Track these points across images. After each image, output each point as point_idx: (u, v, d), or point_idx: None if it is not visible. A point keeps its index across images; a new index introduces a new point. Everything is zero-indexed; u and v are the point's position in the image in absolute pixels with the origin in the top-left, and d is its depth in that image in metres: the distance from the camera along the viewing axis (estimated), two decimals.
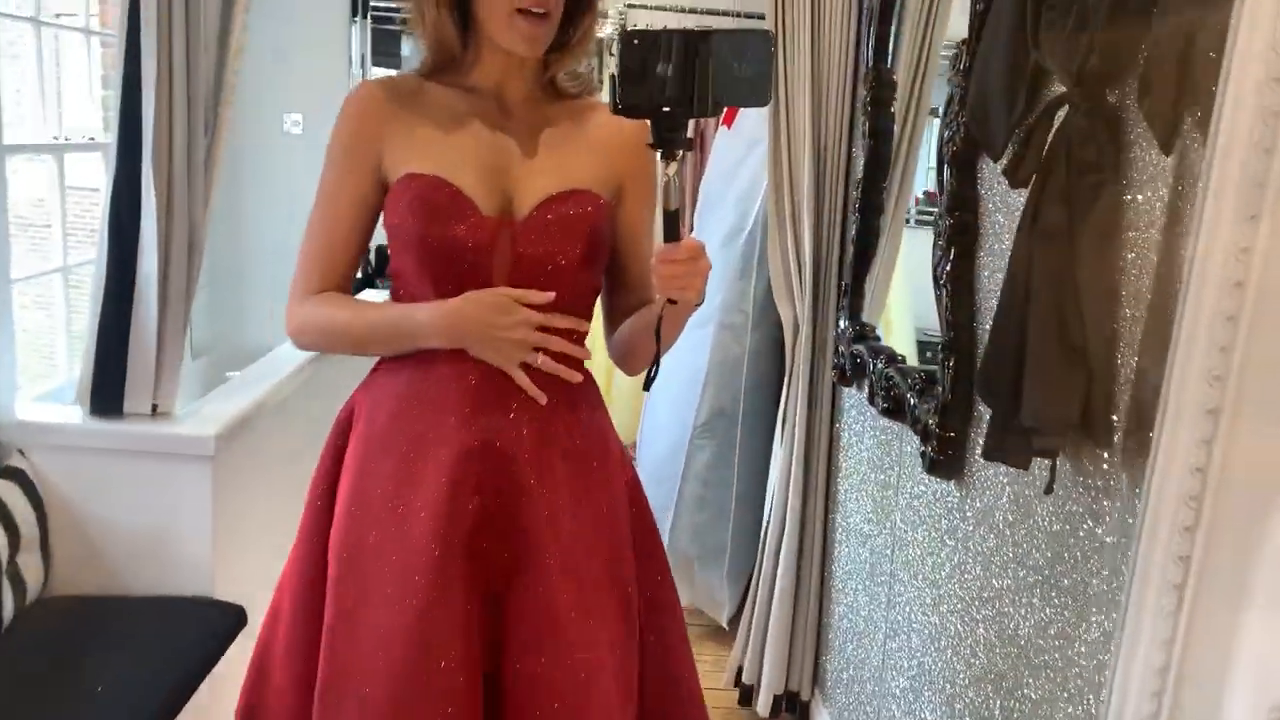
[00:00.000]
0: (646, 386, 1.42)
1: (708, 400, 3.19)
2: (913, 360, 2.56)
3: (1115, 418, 1.25)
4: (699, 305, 1.38)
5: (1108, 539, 1.27)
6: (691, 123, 1.26)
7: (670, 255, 1.30)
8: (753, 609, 2.75)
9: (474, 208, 1.41)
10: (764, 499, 3.01)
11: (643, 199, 1.54)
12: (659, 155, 1.25)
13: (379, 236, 1.53)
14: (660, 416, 3.38)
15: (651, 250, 1.49)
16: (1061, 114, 1.28)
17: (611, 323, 1.60)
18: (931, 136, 2.28)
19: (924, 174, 2.42)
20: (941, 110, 1.79)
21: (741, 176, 3.17)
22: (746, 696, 2.75)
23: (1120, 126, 1.24)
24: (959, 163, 1.70)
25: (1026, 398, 1.28)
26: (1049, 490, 1.35)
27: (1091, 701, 1.29)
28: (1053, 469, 1.34)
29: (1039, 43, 1.32)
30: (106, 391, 2.17)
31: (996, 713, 1.58)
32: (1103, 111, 1.23)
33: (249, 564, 2.34)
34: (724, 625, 3.19)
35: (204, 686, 2.03)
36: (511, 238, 1.43)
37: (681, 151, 1.26)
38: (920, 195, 2.47)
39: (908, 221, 2.39)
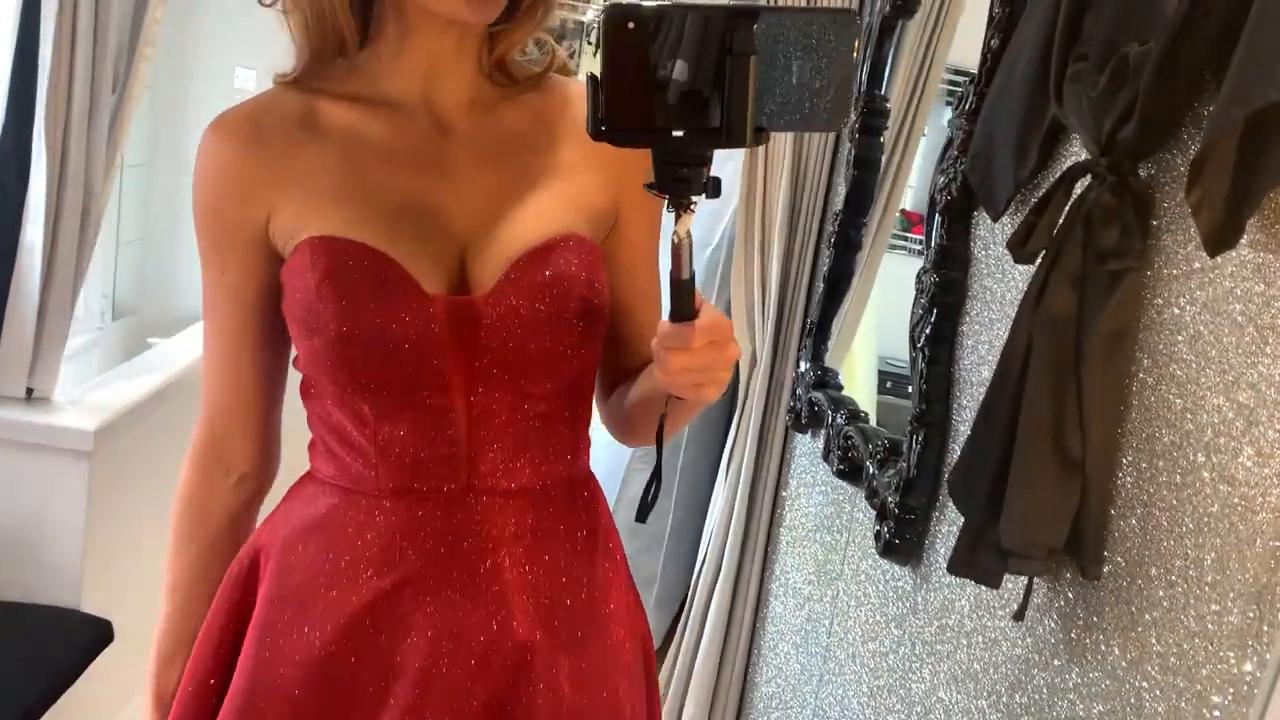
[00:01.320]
0: (641, 518, 0.97)
1: None
2: (870, 391, 2.37)
3: (1109, 550, 1.07)
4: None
5: (1085, 685, 1.09)
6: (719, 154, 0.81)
7: (680, 341, 0.85)
8: (677, 651, 2.56)
9: (412, 284, 0.97)
10: (699, 530, 2.83)
11: (650, 225, 1.10)
12: (665, 205, 0.81)
13: None
14: (598, 438, 3.17)
15: (659, 294, 1.12)
16: (1082, 185, 1.09)
17: (604, 383, 1.16)
18: (921, 154, 2.10)
19: (909, 192, 2.24)
20: (939, 153, 1.60)
21: None
22: None
23: (1151, 209, 1.05)
24: (952, 214, 1.51)
25: (1007, 512, 1.10)
26: (1019, 616, 1.16)
27: None
28: (1026, 593, 1.16)
29: (1062, 96, 1.13)
30: None
31: None
32: (1132, 188, 1.04)
33: (122, 575, 2.11)
34: None
35: (61, 703, 1.81)
36: (472, 323, 0.98)
37: (700, 199, 0.81)
38: (899, 213, 2.28)
39: (892, 248, 2.21)
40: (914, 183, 2.23)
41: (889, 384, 2.42)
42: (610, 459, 3.03)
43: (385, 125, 1.02)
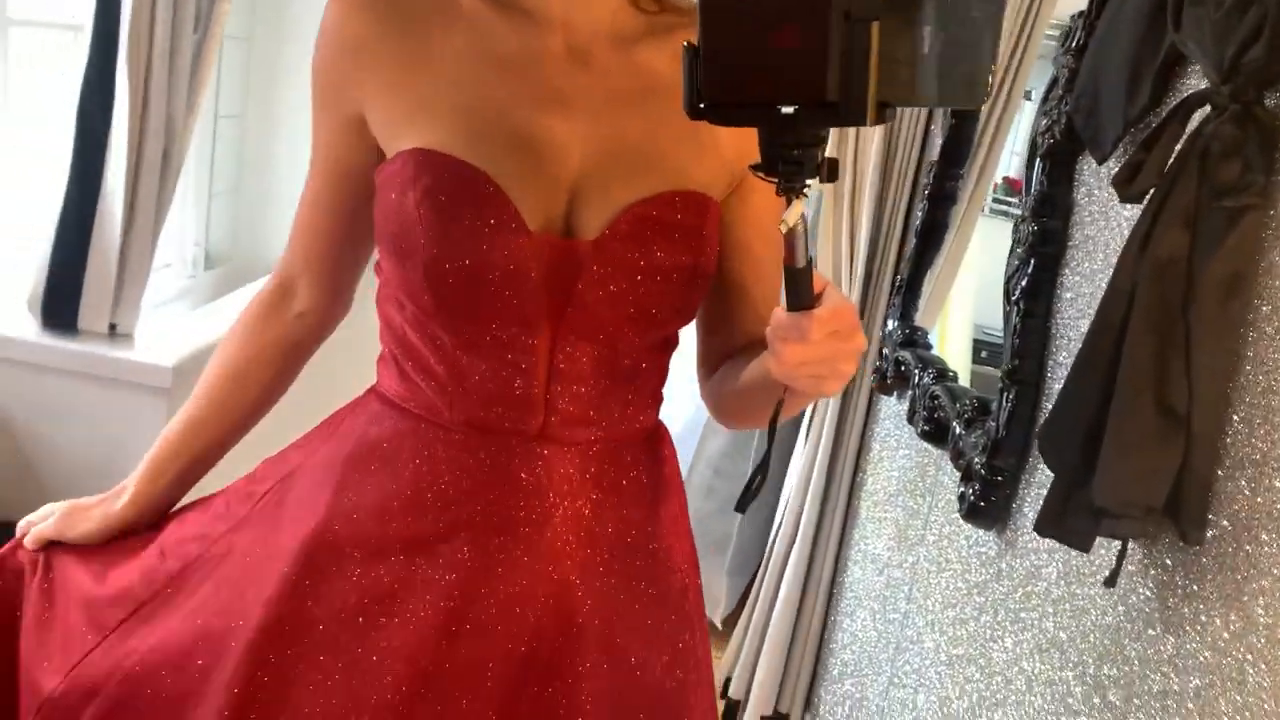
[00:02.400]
0: (740, 508, 0.91)
1: None
2: (965, 359, 2.28)
3: (1213, 513, 0.98)
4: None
5: (1182, 655, 1.00)
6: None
7: (797, 333, 0.77)
8: (750, 617, 2.51)
9: (516, 218, 0.91)
10: (777, 493, 2.76)
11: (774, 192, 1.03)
12: (776, 189, 0.72)
13: None
14: (679, 393, 3.12)
15: (778, 267, 1.08)
16: (1200, 116, 1.00)
17: (708, 354, 1.09)
18: (1023, 119, 2.00)
19: (1007, 157, 2.13)
20: (1041, 93, 1.50)
21: None
22: (731, 713, 2.52)
23: (1277, 142, 0.95)
24: (1054, 159, 1.42)
25: (1102, 468, 1.02)
26: (1111, 583, 1.08)
27: None
28: (1120, 558, 1.08)
29: (1181, 21, 1.04)
30: (59, 303, 1.96)
31: None
32: (1256, 118, 0.95)
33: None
34: (718, 624, 2.96)
35: None
36: (572, 269, 0.93)
37: (814, 184, 0.72)
38: (1000, 181, 2.18)
39: (982, 210, 2.11)
40: (1020, 149, 2.12)
41: (984, 353, 2.31)
42: (689, 416, 2.98)
43: (517, 37, 0.95)
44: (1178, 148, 1.01)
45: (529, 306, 0.93)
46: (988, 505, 1.50)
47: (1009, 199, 2.40)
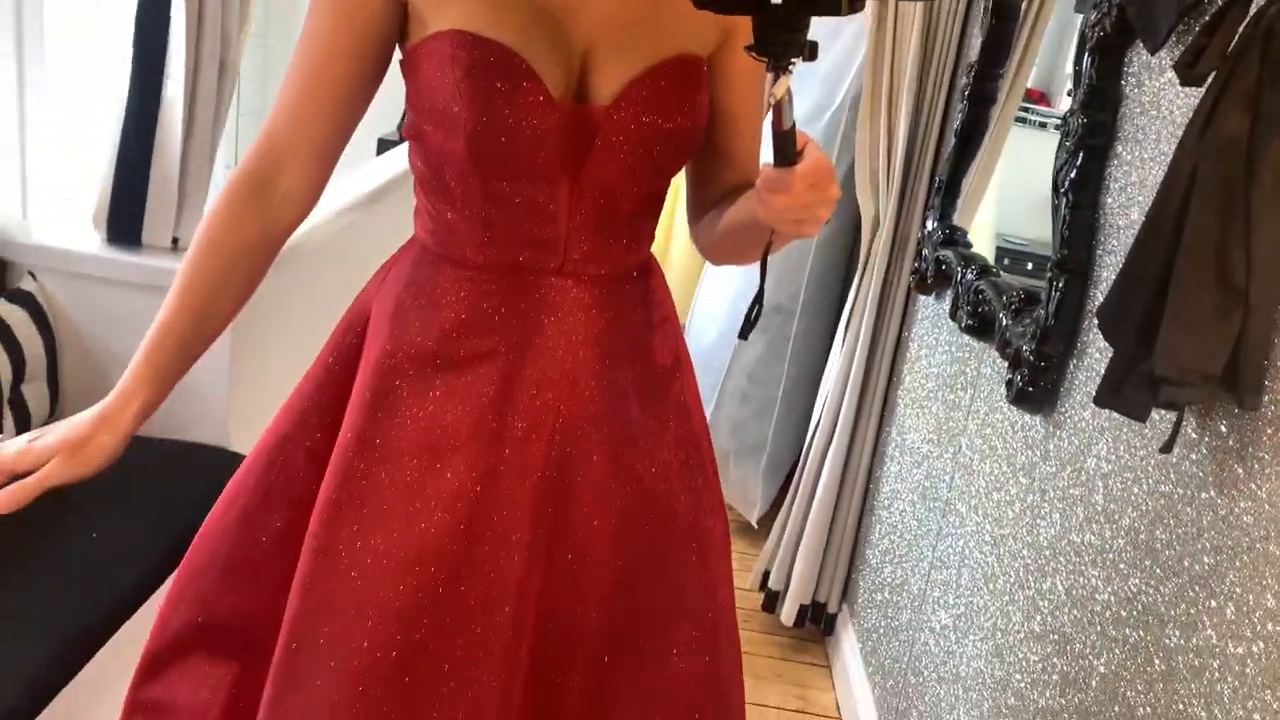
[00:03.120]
0: (743, 335, 1.08)
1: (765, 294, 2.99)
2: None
3: (1270, 380, 1.04)
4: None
5: (1234, 515, 1.08)
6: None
7: (782, 185, 0.90)
8: (788, 512, 2.60)
9: (543, 89, 1.02)
10: (811, 400, 2.84)
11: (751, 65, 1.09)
12: (766, 66, 0.84)
13: None
14: (713, 303, 3.18)
15: (759, 113, 1.16)
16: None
17: (699, 204, 1.23)
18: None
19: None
20: None
21: (835, 47, 2.88)
22: (771, 602, 2.63)
23: None
24: (1104, 51, 1.45)
25: (1162, 339, 1.08)
26: (1168, 449, 1.15)
27: (1180, 692, 1.12)
28: (1177, 425, 1.15)
29: None
30: (124, 219, 2.02)
31: (1054, 676, 1.42)
32: None
33: (264, 417, 2.21)
34: (753, 524, 3.06)
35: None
36: (589, 131, 1.05)
37: (797, 62, 0.84)
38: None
39: (1022, 121, 2.14)
40: (1036, 61, 2.15)
41: (1006, 260, 2.36)
42: (724, 326, 3.05)
43: None
44: (1240, 30, 1.04)
45: (552, 166, 1.05)
46: (1036, 390, 1.56)
47: (1028, 107, 2.43)
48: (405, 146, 1.17)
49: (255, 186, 1.08)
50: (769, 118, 0.91)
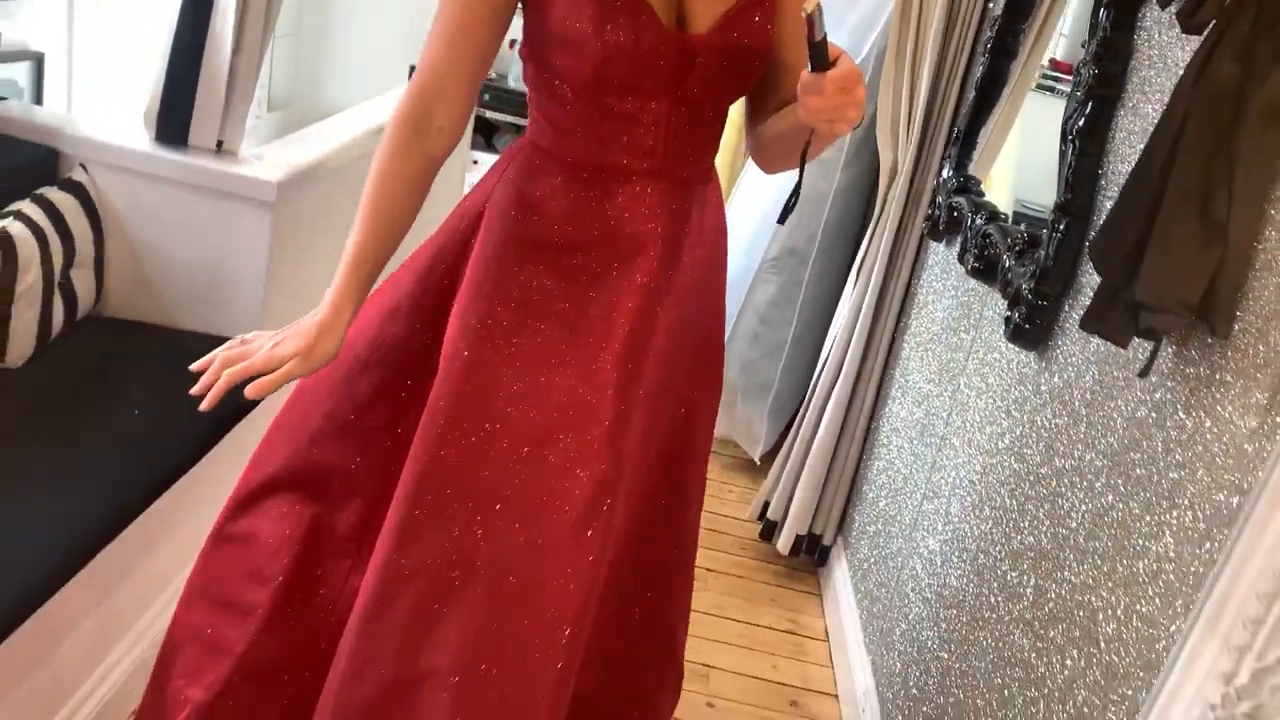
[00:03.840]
0: (781, 220, 1.33)
1: (781, 236, 3.07)
2: None
3: (1241, 310, 1.13)
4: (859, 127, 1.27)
5: (1200, 434, 1.17)
6: None
7: (816, 88, 1.08)
8: (790, 447, 2.70)
9: (658, 20, 1.24)
10: (819, 343, 2.93)
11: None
12: None
13: None
14: (731, 243, 3.26)
15: (801, 42, 1.34)
16: None
17: (754, 118, 1.43)
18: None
19: (1055, 38, 2.21)
20: None
21: (862, 2, 2.94)
22: (769, 532, 2.74)
23: None
24: (1119, 4, 1.52)
25: (1146, 269, 1.16)
26: (1145, 373, 1.24)
27: (1138, 595, 1.22)
28: (1154, 352, 1.24)
29: None
30: (173, 119, 2.10)
31: (1029, 590, 1.52)
32: None
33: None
34: (756, 460, 3.16)
35: (246, 420, 2.03)
36: (690, 55, 1.26)
37: None
38: (1050, 60, 2.27)
39: (1040, 88, 2.20)
40: (1066, 31, 2.21)
41: (1022, 225, 2.43)
42: (739, 265, 3.13)
43: None
44: None
45: (658, 85, 1.27)
46: (1032, 328, 1.65)
47: (1056, 76, 2.48)
48: None
49: (414, 126, 1.29)
50: (805, 32, 1.07)
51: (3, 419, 1.73)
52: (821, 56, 1.07)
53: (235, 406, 1.97)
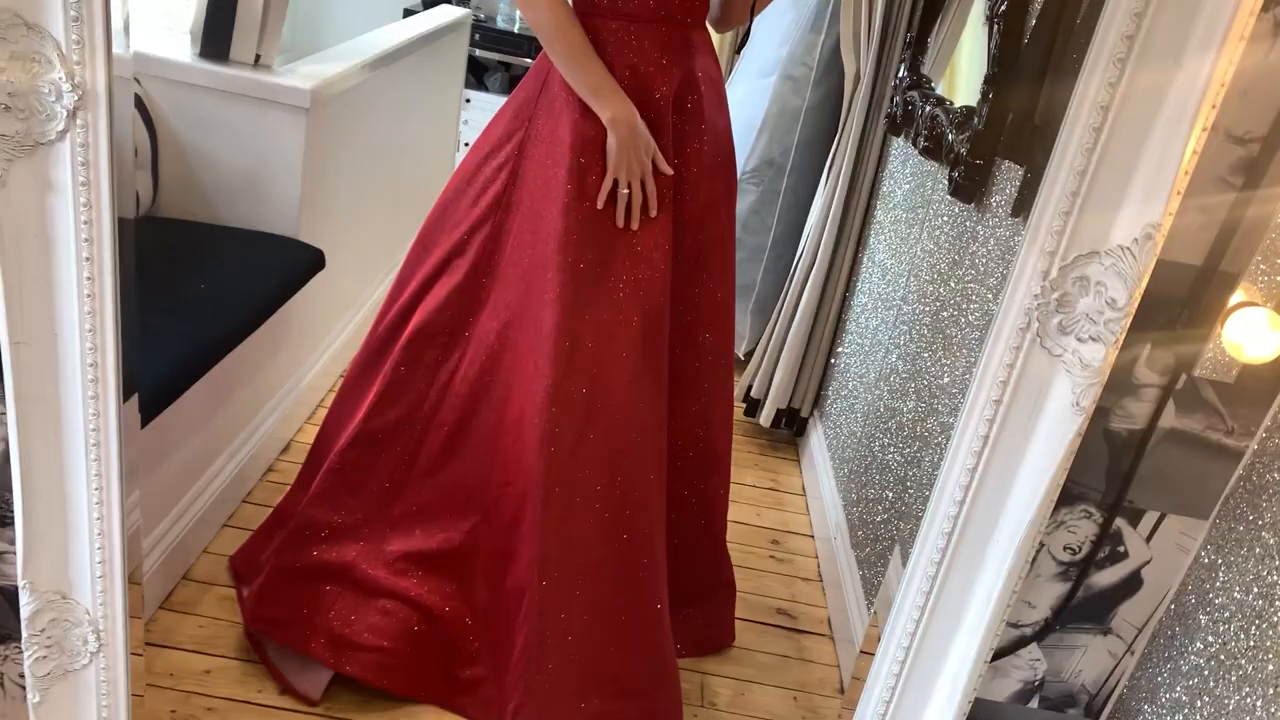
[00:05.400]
0: (737, 51, 1.71)
1: (759, 149, 3.35)
2: None
3: None
4: None
5: None
6: None
7: None
8: (770, 333, 3.01)
9: None
10: (796, 246, 3.23)
11: None
12: None
13: None
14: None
15: None
16: None
17: None
18: None
19: None
20: None
21: None
22: (752, 409, 3.05)
23: None
24: None
25: (1043, 98, 1.46)
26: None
27: None
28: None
29: None
30: (215, 36, 2.37)
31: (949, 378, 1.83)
32: None
33: (331, 215, 2.61)
34: (741, 356, 3.47)
35: (282, 313, 2.33)
36: None
37: None
38: None
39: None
40: None
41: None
42: None
43: None
44: None
45: None
46: (969, 183, 1.95)
47: None
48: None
49: None
50: None
51: None
52: None
53: (275, 296, 2.28)
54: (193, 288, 2.12)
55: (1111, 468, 1.10)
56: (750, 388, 3.06)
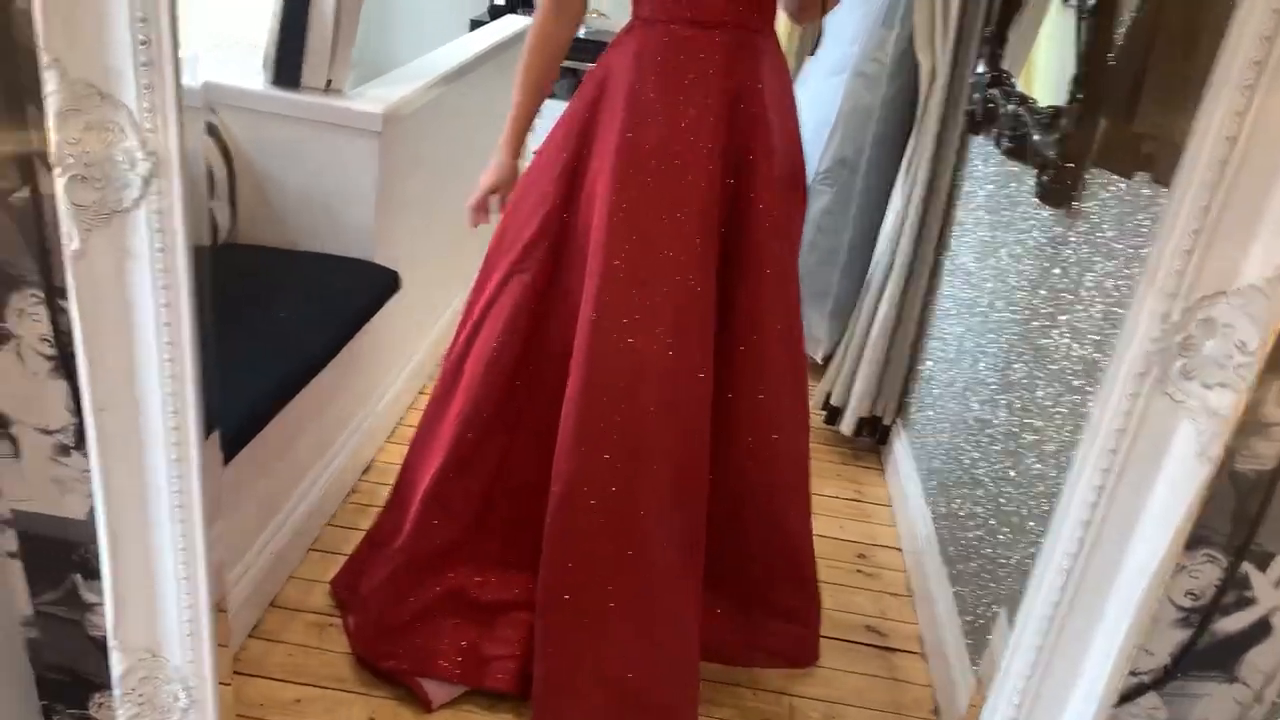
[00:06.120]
0: (812, 52, 1.72)
1: (833, 148, 3.28)
2: None
3: None
4: None
5: None
6: None
7: None
8: (849, 339, 2.94)
9: None
10: (873, 248, 3.15)
11: None
12: None
13: None
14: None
15: None
16: None
17: None
18: None
19: None
20: None
21: None
22: (833, 417, 2.98)
23: None
24: None
25: (1142, 105, 1.39)
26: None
27: None
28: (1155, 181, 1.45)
29: None
30: (287, 63, 2.38)
31: (1060, 410, 1.76)
32: None
33: (405, 235, 2.61)
34: (819, 360, 3.40)
35: (359, 337, 2.33)
36: None
37: None
38: None
39: (1065, 1, 2.38)
40: None
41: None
42: None
43: None
44: None
45: None
46: (1059, 187, 1.86)
47: None
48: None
49: (556, 11, 1.84)
50: None
51: None
52: None
53: (352, 321, 2.28)
54: (272, 316, 2.13)
55: (1238, 510, 1.03)
56: (829, 395, 3.00)
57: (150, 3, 0.85)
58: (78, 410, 1.13)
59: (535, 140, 1.99)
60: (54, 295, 1.11)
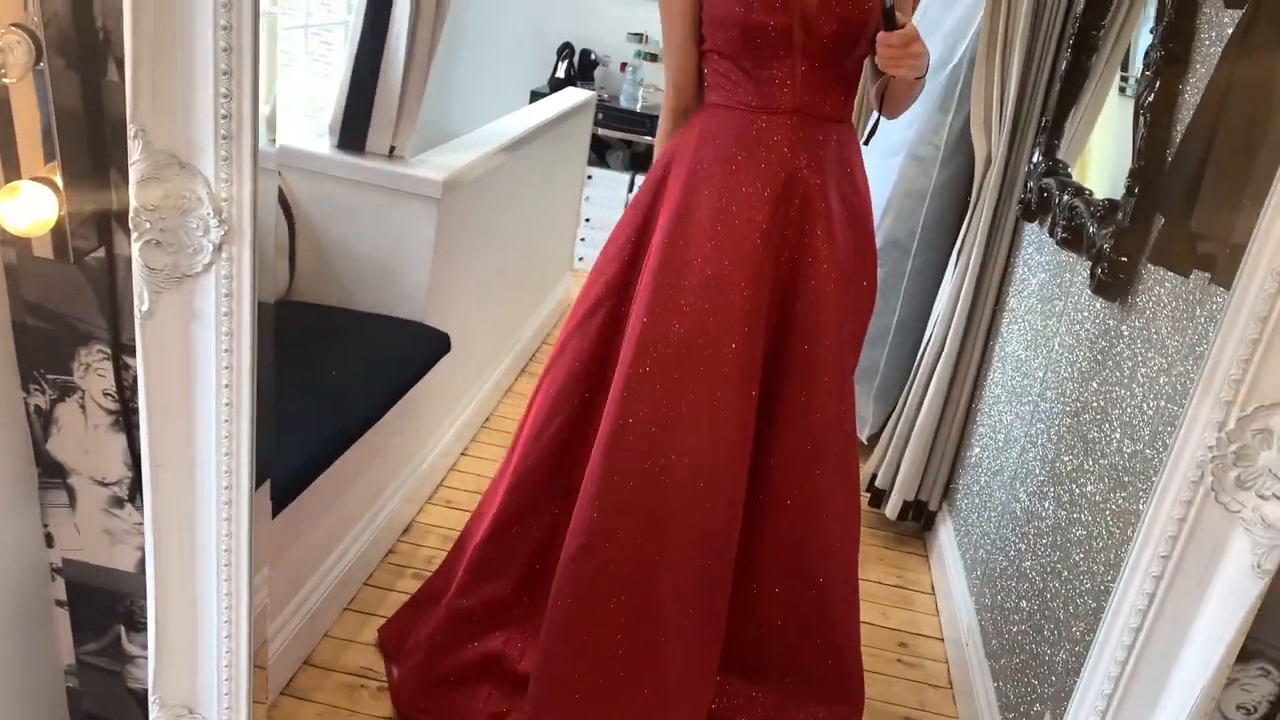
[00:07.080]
0: (866, 141, 1.80)
1: (885, 228, 3.29)
2: None
3: None
4: (921, 78, 1.78)
5: None
6: None
7: (887, 40, 1.65)
8: (896, 422, 2.92)
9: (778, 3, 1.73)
10: (922, 330, 3.14)
11: None
12: None
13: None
14: None
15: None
16: None
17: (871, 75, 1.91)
18: None
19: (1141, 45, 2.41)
20: None
21: (958, 8, 3.17)
22: (877, 499, 2.95)
23: None
24: None
25: (1200, 205, 1.38)
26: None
27: None
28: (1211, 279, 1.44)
29: None
30: (353, 129, 2.45)
31: (1112, 505, 1.73)
32: None
33: (457, 296, 2.64)
34: (864, 440, 3.37)
35: (410, 395, 2.36)
36: (809, 20, 1.73)
37: None
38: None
39: (1123, 91, 2.40)
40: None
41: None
42: None
43: None
44: None
45: (794, 44, 1.75)
46: (1114, 281, 1.86)
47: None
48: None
49: (679, 113, 1.93)
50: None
51: None
52: (890, 19, 1.61)
53: (404, 380, 2.31)
54: (324, 373, 2.16)
55: None
56: (875, 476, 2.97)
57: (234, 80, 0.89)
58: (134, 464, 1.15)
59: (591, 209, 2.04)
60: (120, 351, 1.14)
